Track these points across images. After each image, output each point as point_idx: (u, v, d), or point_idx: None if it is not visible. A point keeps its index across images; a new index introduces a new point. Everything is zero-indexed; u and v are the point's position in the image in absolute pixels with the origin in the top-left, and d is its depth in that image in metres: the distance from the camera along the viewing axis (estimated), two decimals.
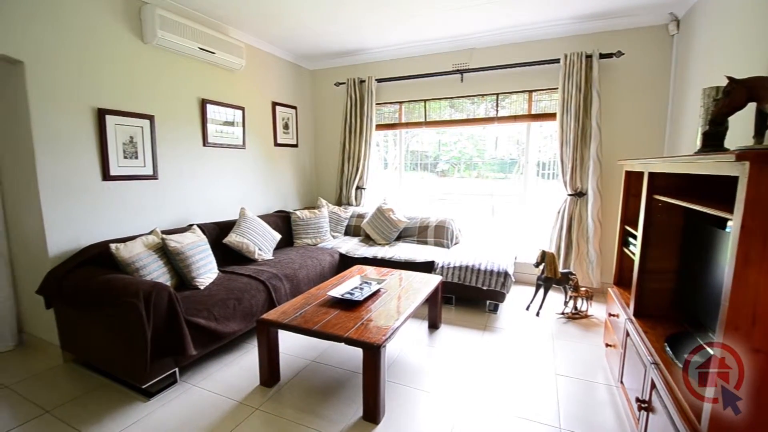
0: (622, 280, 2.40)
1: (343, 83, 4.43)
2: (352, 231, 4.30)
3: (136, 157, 2.79)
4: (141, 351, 1.93)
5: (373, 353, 1.78)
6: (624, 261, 2.38)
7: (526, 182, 3.98)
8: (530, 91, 3.75)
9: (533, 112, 3.78)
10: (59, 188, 2.39)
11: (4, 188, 2.55)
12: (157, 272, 2.41)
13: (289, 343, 2.58)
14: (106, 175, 2.61)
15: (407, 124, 4.38)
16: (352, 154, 4.41)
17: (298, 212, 3.99)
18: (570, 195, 3.51)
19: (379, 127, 4.47)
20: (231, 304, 2.43)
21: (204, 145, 3.35)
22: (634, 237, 2.04)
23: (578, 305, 3.12)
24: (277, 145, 4.25)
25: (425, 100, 4.21)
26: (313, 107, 4.84)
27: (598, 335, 2.76)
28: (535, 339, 2.74)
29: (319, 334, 1.94)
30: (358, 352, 1.88)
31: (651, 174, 1.81)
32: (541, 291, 3.18)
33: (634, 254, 2.01)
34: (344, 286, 2.49)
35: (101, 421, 1.88)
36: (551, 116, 3.66)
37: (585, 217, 3.49)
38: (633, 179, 2.27)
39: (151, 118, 2.87)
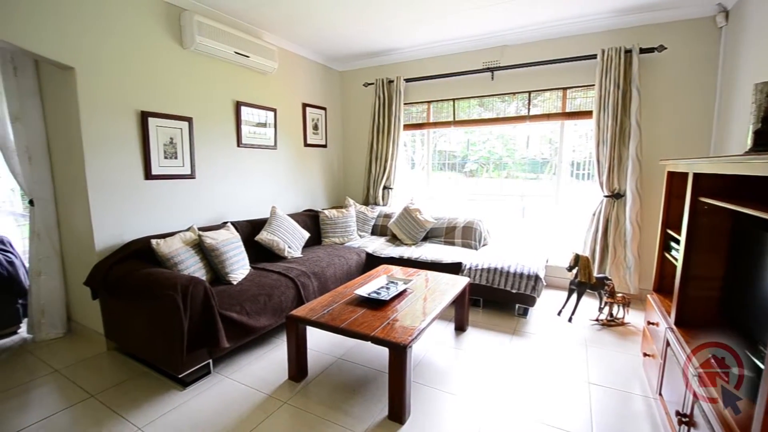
0: (662, 286, 2.28)
1: (372, 84, 4.46)
2: (378, 231, 4.32)
3: (176, 158, 2.93)
4: (178, 342, 2.02)
5: (399, 353, 1.78)
6: (665, 267, 2.26)
7: (558, 183, 3.85)
8: (564, 89, 3.63)
9: (568, 110, 3.66)
10: (106, 187, 2.55)
11: (56, 187, 2.75)
12: (193, 267, 2.52)
13: (316, 339, 2.63)
14: (148, 175, 2.76)
15: (435, 124, 4.36)
16: (380, 154, 4.43)
17: (326, 211, 4.05)
18: (606, 196, 3.36)
19: (407, 127, 4.47)
20: (262, 300, 2.50)
21: (238, 145, 3.47)
22: (677, 241, 1.93)
23: (614, 312, 2.99)
24: (306, 145, 4.34)
25: (454, 100, 4.17)
26: (341, 108, 4.90)
27: (635, 344, 2.63)
28: (566, 345, 2.65)
29: (346, 332, 1.96)
30: (384, 351, 1.89)
31: (696, 175, 1.71)
32: (574, 296, 3.07)
33: (676, 260, 1.90)
34: (371, 285, 2.50)
35: (141, 408, 1.99)
36: (587, 114, 3.52)
37: (622, 220, 3.33)
38: (676, 180, 2.15)
39: (189, 120, 3.00)
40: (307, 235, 3.62)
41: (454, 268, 3.25)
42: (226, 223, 3.11)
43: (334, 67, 4.69)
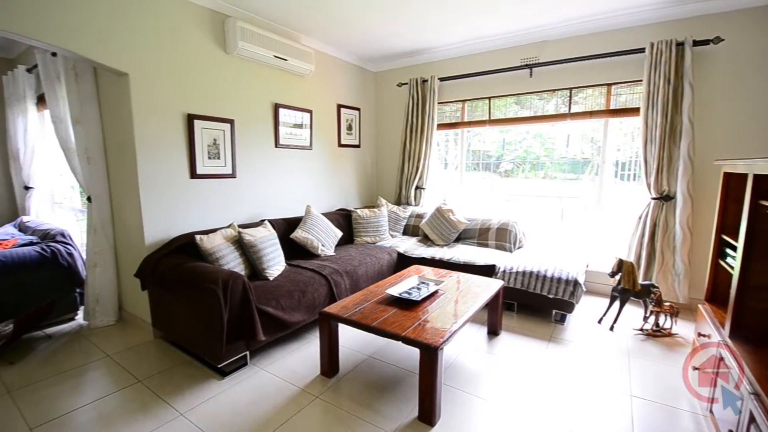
0: (716, 296, 2.12)
1: (406, 84, 4.46)
2: (410, 231, 4.31)
3: (218, 158, 3.07)
4: (218, 333, 2.13)
5: (430, 354, 1.77)
6: (719, 275, 2.09)
7: (601, 184, 3.67)
8: (609, 85, 3.45)
9: (612, 107, 3.48)
10: (155, 185, 2.71)
11: (111, 185, 2.96)
12: (233, 262, 2.64)
13: (348, 336, 2.66)
14: (193, 174, 2.92)
15: (470, 123, 4.29)
16: (413, 153, 4.42)
17: (358, 211, 4.10)
18: (654, 198, 3.17)
19: (441, 126, 4.43)
20: (296, 296, 2.58)
21: (276, 146, 3.59)
22: (734, 248, 1.78)
23: (660, 322, 2.81)
24: (340, 145, 4.41)
25: (489, 98, 4.08)
26: (375, 108, 4.94)
27: (683, 356, 2.46)
28: (607, 355, 2.52)
29: (378, 331, 1.98)
30: (415, 351, 1.88)
31: (757, 176, 1.57)
32: (617, 303, 2.91)
33: (732, 267, 1.76)
34: (402, 285, 2.51)
35: (183, 394, 2.11)
36: (633, 111, 3.33)
37: (672, 224, 3.13)
38: (733, 182, 1.99)
39: (231, 122, 3.14)
40: (340, 233, 3.68)
41: (488, 271, 3.18)
42: (264, 220, 3.23)
43: (368, 67, 4.73)
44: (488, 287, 2.60)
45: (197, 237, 2.58)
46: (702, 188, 3.04)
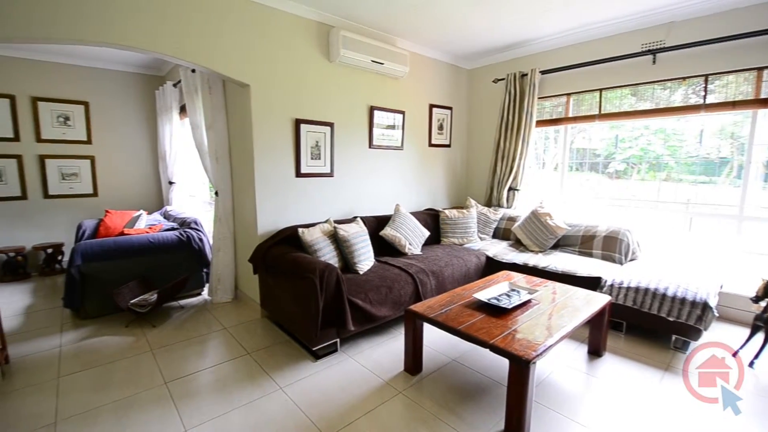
0: None
1: (502, 79, 4.25)
2: (501, 234, 4.11)
3: (319, 158, 3.34)
4: (314, 318, 2.32)
5: (521, 367, 1.67)
6: None
7: (744, 188, 3.03)
8: (759, 69, 2.82)
9: (762, 96, 2.84)
10: (267, 182, 3.06)
11: (234, 181, 3.42)
12: (329, 255, 2.84)
13: (432, 337, 2.66)
14: (298, 173, 3.22)
15: (575, 119, 3.90)
16: (507, 153, 4.20)
17: (446, 211, 4.05)
18: None
19: (540, 123, 4.12)
20: (383, 291, 2.67)
21: (369, 147, 3.75)
22: None
23: None
24: (431, 145, 4.41)
25: (600, 90, 3.66)
26: (468, 107, 4.81)
27: None
28: (744, 396, 2.08)
29: (464, 335, 1.94)
30: (501, 361, 1.80)
31: None
32: (761, 334, 2.38)
33: None
34: (491, 291, 2.41)
35: (282, 371, 2.34)
36: None
37: None
38: None
39: (331, 125, 3.38)
40: (427, 233, 3.69)
41: (591, 283, 2.87)
42: (356, 217, 3.40)
43: (461, 65, 4.63)
44: (591, 302, 2.35)
45: (299, 230, 2.84)
46: None
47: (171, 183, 4.90)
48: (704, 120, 3.24)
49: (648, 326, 2.66)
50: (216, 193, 3.41)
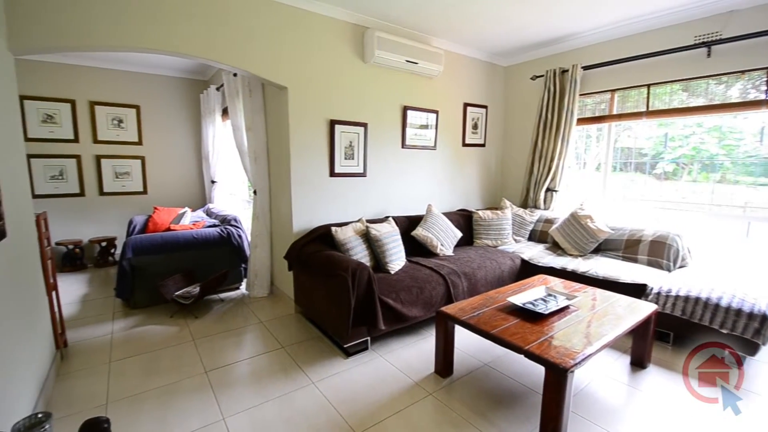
0: None
1: (541, 76, 4.11)
2: (537, 236, 3.98)
3: (353, 159, 3.38)
4: (345, 316, 2.35)
5: (558, 375, 1.61)
6: None
7: None
8: None
9: None
10: (302, 182, 3.14)
11: (271, 181, 3.54)
12: (360, 254, 2.87)
13: (463, 340, 2.62)
14: (332, 173, 3.28)
15: (620, 116, 3.70)
16: (545, 152, 4.06)
17: (480, 212, 3.98)
18: None
19: (581, 121, 3.95)
20: (414, 292, 2.66)
21: (402, 147, 3.75)
22: None
23: None
24: (464, 145, 4.34)
25: (648, 85, 3.45)
26: (504, 105, 4.70)
27: None
28: None
29: (498, 340, 1.89)
30: (536, 368, 1.75)
31: None
32: None
33: None
34: (526, 295, 2.34)
35: (314, 366, 2.40)
36: None
37: None
38: None
39: (365, 125, 3.41)
40: (459, 234, 3.64)
41: (635, 291, 2.71)
42: (388, 217, 3.41)
43: (498, 62, 4.52)
44: (635, 310, 2.22)
45: (333, 228, 2.90)
46: None
47: (213, 182, 5.15)
48: (765, 117, 2.97)
49: (698, 338, 2.48)
50: (254, 192, 3.54)
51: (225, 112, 4.48)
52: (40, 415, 1.33)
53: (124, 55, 4.48)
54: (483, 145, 4.56)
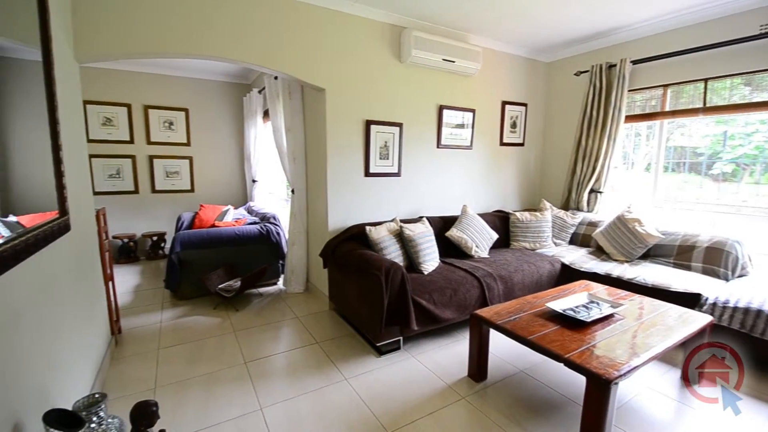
0: None
1: (586, 72, 3.92)
2: (579, 240, 3.81)
3: (387, 158, 3.39)
4: (379, 314, 2.37)
5: (600, 387, 1.54)
6: None
7: None
8: None
9: None
10: (338, 181, 3.20)
11: (308, 180, 3.63)
12: (394, 253, 2.88)
13: (498, 345, 2.56)
14: (367, 173, 3.31)
15: (673, 113, 3.46)
16: (589, 151, 3.87)
17: (517, 213, 3.86)
18: None
19: (629, 118, 3.72)
20: (448, 293, 2.63)
21: (437, 147, 3.72)
22: None
23: None
24: (502, 144, 4.23)
25: (705, 80, 3.19)
26: (545, 103, 4.53)
27: None
28: None
29: (535, 346, 1.83)
30: (577, 378, 1.67)
31: None
32: None
33: None
34: (566, 301, 2.25)
35: (347, 362, 2.43)
36: None
37: None
38: None
39: (400, 125, 3.41)
40: (495, 236, 3.55)
41: (688, 301, 2.52)
42: (422, 217, 3.39)
43: (539, 58, 4.36)
44: (687, 321, 2.07)
45: (367, 228, 2.92)
46: None
47: (254, 181, 5.36)
48: None
49: (761, 354, 2.27)
50: (292, 191, 3.64)
51: (266, 114, 4.65)
52: (96, 395, 1.44)
53: (174, 61, 4.77)
54: (522, 145, 4.42)
